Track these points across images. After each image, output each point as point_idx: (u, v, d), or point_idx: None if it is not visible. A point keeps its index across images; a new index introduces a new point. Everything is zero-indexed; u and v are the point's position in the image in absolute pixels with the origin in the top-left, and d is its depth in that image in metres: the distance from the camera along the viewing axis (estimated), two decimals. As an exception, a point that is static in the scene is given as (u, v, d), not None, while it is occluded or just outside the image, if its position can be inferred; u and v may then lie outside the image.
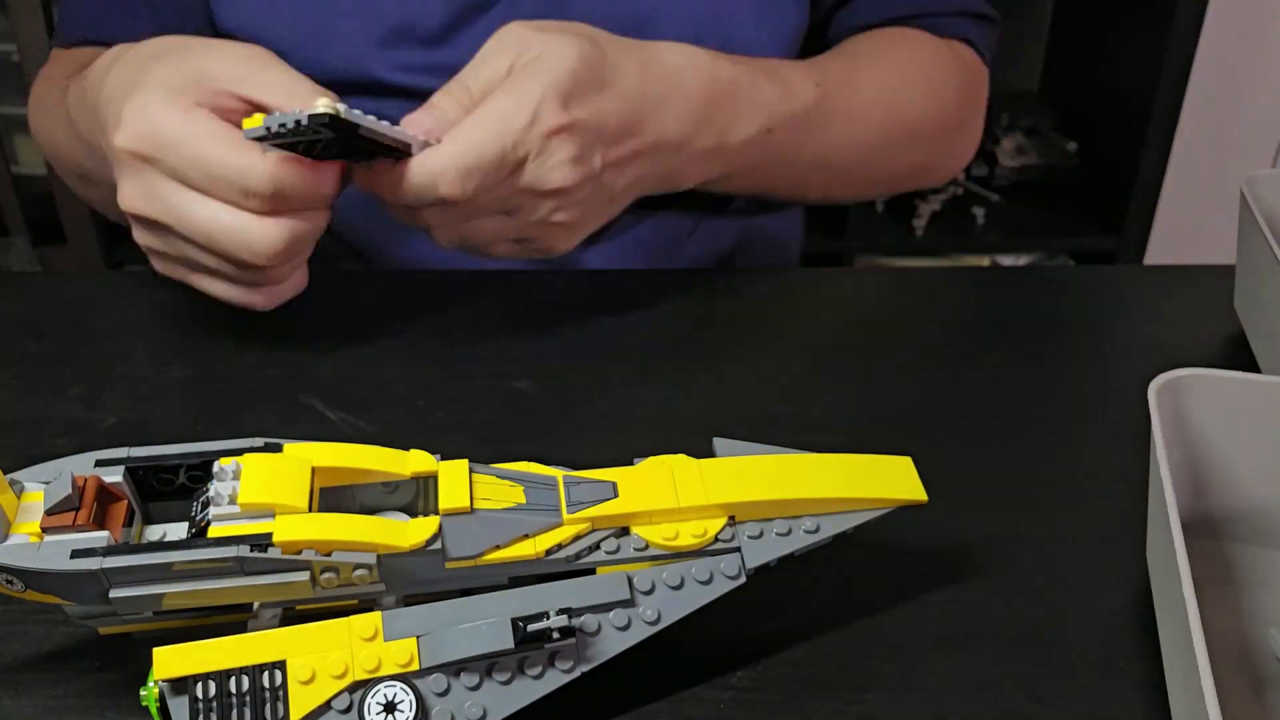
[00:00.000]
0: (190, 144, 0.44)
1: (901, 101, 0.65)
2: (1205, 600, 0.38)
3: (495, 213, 0.49)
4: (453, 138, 0.46)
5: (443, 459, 0.36)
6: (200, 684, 0.32)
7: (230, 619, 0.36)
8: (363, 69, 0.61)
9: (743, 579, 0.36)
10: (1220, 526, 0.42)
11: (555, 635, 0.33)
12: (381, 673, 0.32)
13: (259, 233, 0.45)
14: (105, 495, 0.34)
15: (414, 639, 0.33)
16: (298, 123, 0.42)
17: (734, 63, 0.57)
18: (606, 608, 0.35)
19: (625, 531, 0.36)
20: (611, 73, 0.50)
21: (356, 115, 0.43)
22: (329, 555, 0.33)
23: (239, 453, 0.35)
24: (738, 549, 0.36)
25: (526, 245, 0.52)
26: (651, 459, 0.38)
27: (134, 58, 0.48)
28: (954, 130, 0.70)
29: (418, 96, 0.50)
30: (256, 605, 0.34)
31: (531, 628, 0.32)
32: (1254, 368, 0.52)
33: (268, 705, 0.31)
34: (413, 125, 0.47)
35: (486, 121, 0.47)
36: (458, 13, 0.61)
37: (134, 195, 0.46)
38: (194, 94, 0.45)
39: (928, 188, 0.73)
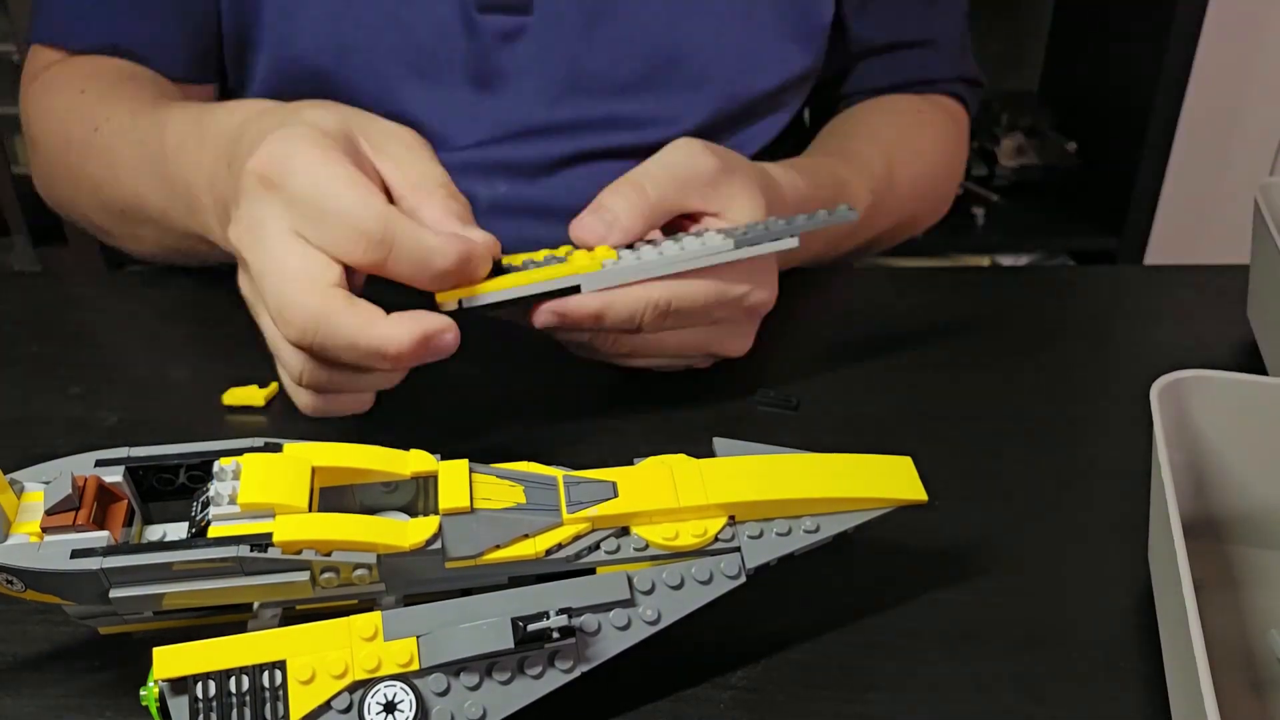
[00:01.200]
0: (316, 175, 0.40)
1: (924, 186, 0.71)
2: (1206, 602, 0.38)
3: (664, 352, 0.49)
4: (666, 286, 0.45)
5: (443, 459, 0.36)
6: (200, 684, 0.32)
7: (230, 619, 0.36)
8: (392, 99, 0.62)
9: (743, 579, 0.36)
10: (1221, 528, 0.42)
11: (555, 635, 0.33)
12: (381, 673, 0.32)
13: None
14: (105, 495, 0.34)
15: (414, 639, 0.33)
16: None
17: (818, 187, 0.57)
18: (606, 608, 0.35)
19: (625, 531, 0.36)
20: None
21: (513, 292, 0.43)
22: (329, 555, 0.33)
23: (239, 453, 0.35)
24: (738, 549, 0.36)
25: (673, 361, 0.51)
26: (651, 459, 0.38)
27: (288, 106, 0.45)
28: (948, 188, 0.77)
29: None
30: (256, 605, 0.34)
31: (531, 628, 0.33)
32: (1260, 372, 0.52)
33: (268, 705, 0.31)
34: (584, 230, 0.45)
35: (707, 283, 0.46)
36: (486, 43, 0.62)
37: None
38: (341, 141, 0.42)
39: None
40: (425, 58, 0.61)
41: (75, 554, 0.32)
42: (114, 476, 0.35)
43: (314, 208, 0.40)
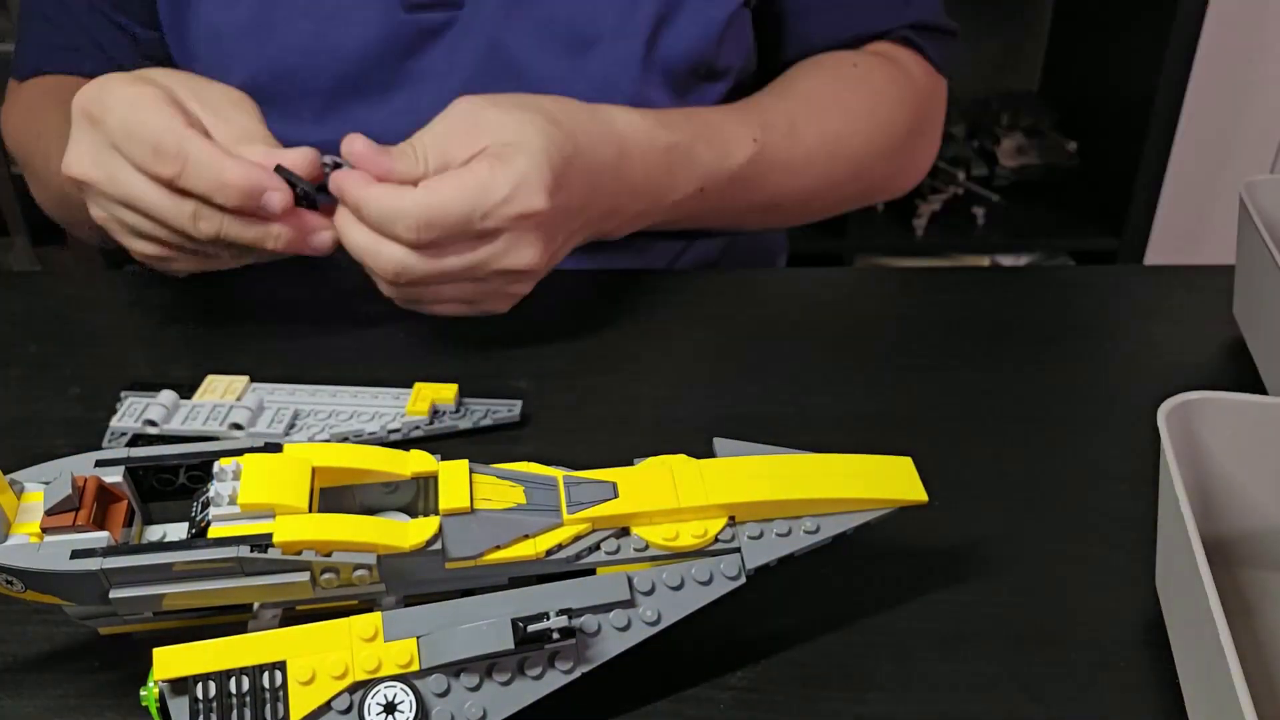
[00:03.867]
0: (125, 103, 0.47)
1: (846, 143, 0.65)
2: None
3: (455, 279, 0.50)
4: (426, 187, 0.47)
5: (443, 459, 0.36)
6: (200, 684, 0.32)
7: (230, 619, 0.36)
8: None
9: (743, 579, 0.36)
10: (1229, 549, 0.42)
11: (555, 636, 0.33)
12: (381, 673, 0.32)
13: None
14: (105, 495, 0.34)
15: (414, 639, 0.33)
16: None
17: (674, 128, 0.57)
18: (606, 608, 0.35)
19: (625, 532, 0.36)
20: (577, 156, 0.51)
21: (295, 176, 0.48)
22: (329, 556, 0.33)
23: (239, 453, 0.35)
24: (738, 549, 0.36)
25: (472, 305, 0.53)
26: (651, 459, 0.38)
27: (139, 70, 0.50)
28: (905, 154, 0.71)
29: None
30: (256, 605, 0.34)
31: (531, 628, 0.32)
32: (1254, 373, 0.52)
33: (268, 706, 0.31)
34: (365, 161, 0.48)
35: (464, 184, 0.47)
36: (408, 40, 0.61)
37: (78, 156, 0.48)
38: (161, 90, 0.48)
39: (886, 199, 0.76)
40: (357, 71, 0.61)
41: (75, 554, 0.32)
42: (114, 476, 0.35)
43: (122, 130, 0.47)
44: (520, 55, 0.62)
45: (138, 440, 0.47)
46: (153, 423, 0.47)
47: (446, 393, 0.49)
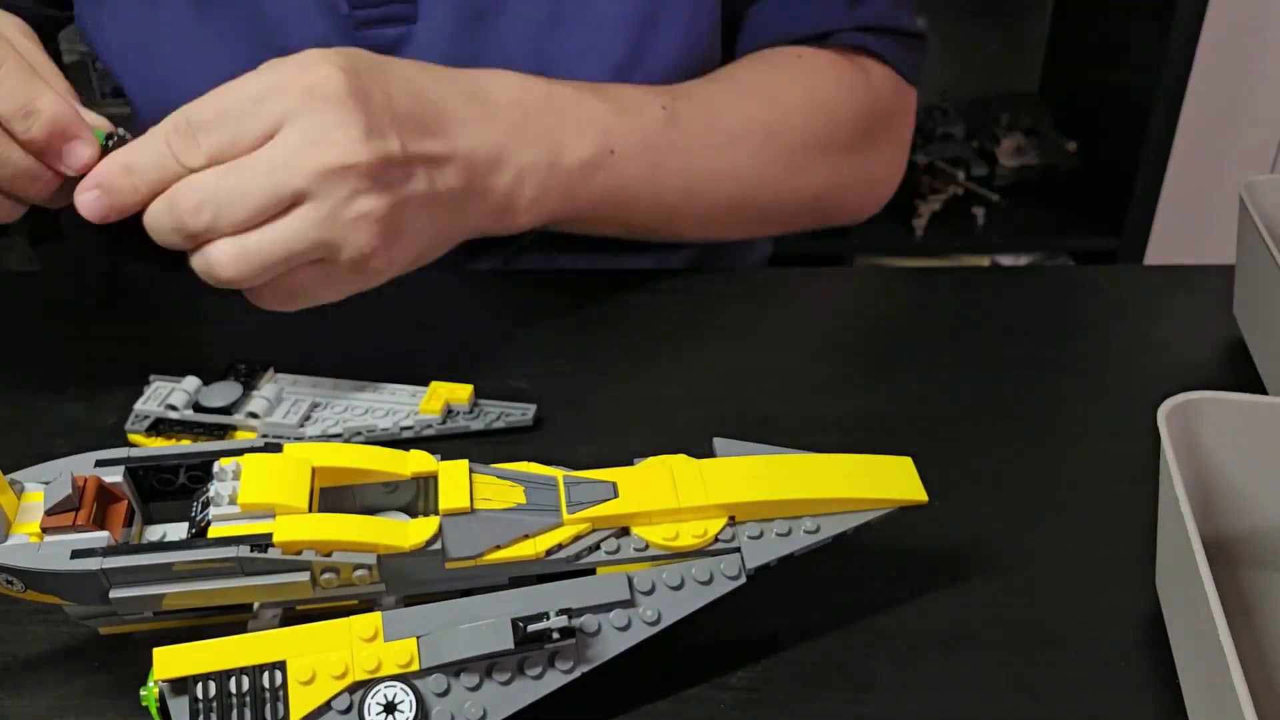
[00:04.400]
0: None
1: (777, 132, 0.60)
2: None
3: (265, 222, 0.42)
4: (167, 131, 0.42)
5: (443, 459, 0.36)
6: (200, 684, 0.32)
7: (230, 619, 0.36)
8: None
9: (743, 579, 0.36)
10: (1230, 549, 0.42)
11: (555, 635, 0.33)
12: (381, 673, 0.32)
13: None
14: (105, 495, 0.34)
15: (414, 639, 0.33)
16: None
17: (552, 81, 0.53)
18: (606, 608, 0.35)
19: (625, 532, 0.36)
20: (392, 66, 0.46)
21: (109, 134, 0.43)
22: (329, 556, 0.33)
23: (239, 453, 0.35)
24: (738, 549, 0.36)
25: (329, 263, 0.44)
26: (651, 459, 0.38)
27: None
28: (855, 162, 0.65)
29: None
30: (256, 605, 0.34)
31: (531, 628, 0.33)
32: (1255, 373, 0.52)
33: (268, 705, 0.31)
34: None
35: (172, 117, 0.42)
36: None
37: None
38: None
39: (839, 224, 0.69)
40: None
41: (75, 554, 0.32)
42: (114, 476, 0.35)
43: None
44: None
45: (159, 425, 0.48)
46: (174, 407, 0.48)
47: (461, 393, 0.49)
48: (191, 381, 0.49)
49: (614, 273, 0.62)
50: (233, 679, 0.32)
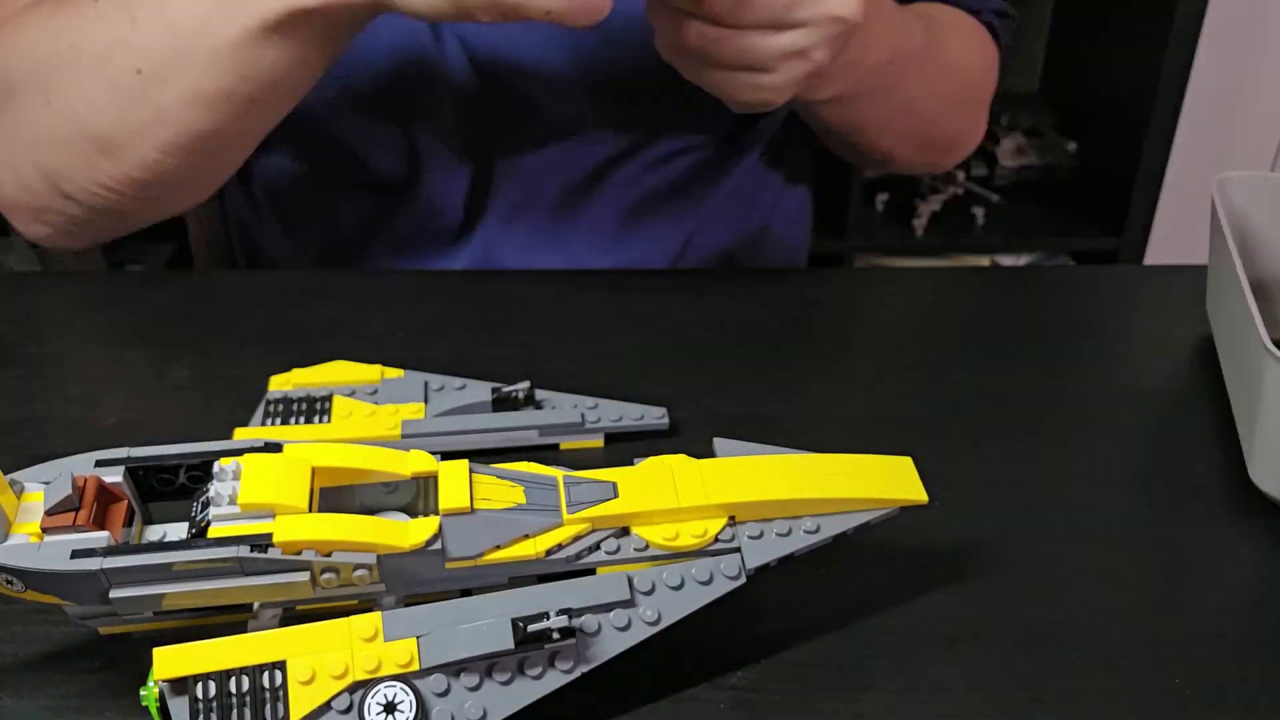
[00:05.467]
0: None
1: (968, 71, 0.69)
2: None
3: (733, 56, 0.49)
4: None
5: (443, 459, 0.36)
6: (200, 684, 0.32)
7: (230, 619, 0.36)
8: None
9: (743, 579, 0.36)
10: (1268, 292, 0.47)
11: (555, 635, 0.33)
12: (381, 673, 0.32)
13: None
14: (105, 495, 0.34)
15: (414, 639, 0.33)
16: None
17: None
18: (607, 608, 0.35)
19: (625, 531, 0.36)
20: None
21: None
22: (329, 555, 0.33)
23: (239, 453, 0.35)
24: (738, 549, 0.36)
25: (736, 83, 0.51)
26: (651, 459, 0.38)
27: None
28: (983, 107, 0.74)
29: None
30: (256, 605, 0.34)
31: (531, 628, 0.33)
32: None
33: (268, 705, 0.31)
34: None
35: None
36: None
37: None
38: None
39: (938, 170, 0.78)
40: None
41: (75, 554, 0.32)
42: (114, 476, 0.35)
43: None
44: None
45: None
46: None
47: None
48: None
49: (615, 273, 0.62)
50: (233, 679, 0.32)
